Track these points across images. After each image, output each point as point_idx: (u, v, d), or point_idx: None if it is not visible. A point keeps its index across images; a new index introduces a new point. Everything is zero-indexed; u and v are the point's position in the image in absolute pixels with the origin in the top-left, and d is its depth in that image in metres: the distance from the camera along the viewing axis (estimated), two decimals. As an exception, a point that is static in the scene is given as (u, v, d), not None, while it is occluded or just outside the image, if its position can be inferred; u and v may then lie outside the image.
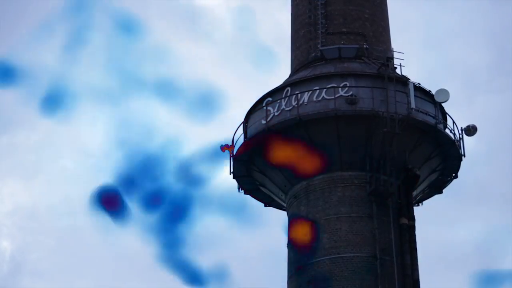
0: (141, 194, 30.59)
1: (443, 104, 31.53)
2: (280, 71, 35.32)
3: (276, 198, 33.27)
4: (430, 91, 31.40)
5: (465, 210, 54.19)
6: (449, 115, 31.97)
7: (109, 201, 29.64)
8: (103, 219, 29.85)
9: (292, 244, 31.14)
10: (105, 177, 30.20)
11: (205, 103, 33.42)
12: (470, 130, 31.72)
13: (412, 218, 30.59)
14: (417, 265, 30.10)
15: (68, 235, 56.42)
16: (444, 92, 31.07)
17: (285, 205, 32.65)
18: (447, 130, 31.74)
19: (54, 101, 32.12)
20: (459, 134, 31.80)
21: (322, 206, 30.70)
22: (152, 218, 30.60)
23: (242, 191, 33.56)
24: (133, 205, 29.87)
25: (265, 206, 34.22)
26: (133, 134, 33.02)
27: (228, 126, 32.80)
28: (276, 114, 31.25)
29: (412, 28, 59.05)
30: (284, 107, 31.18)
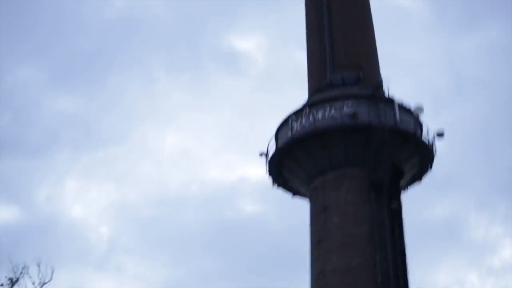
0: None
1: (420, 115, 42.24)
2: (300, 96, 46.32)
3: (300, 190, 44.05)
4: (410, 108, 42.14)
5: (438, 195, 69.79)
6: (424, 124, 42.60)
7: None
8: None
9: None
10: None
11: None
12: (440, 134, 42.26)
13: (399, 203, 40.77)
14: (403, 238, 40.08)
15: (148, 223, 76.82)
16: (420, 107, 41.83)
17: (307, 195, 43.34)
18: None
19: None
20: (432, 137, 42.40)
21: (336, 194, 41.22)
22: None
23: (276, 184, 44.40)
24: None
25: (292, 196, 45.09)
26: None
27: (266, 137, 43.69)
28: (298, 128, 42.01)
29: (396, 59, 75.13)
30: (304, 123, 41.93)
